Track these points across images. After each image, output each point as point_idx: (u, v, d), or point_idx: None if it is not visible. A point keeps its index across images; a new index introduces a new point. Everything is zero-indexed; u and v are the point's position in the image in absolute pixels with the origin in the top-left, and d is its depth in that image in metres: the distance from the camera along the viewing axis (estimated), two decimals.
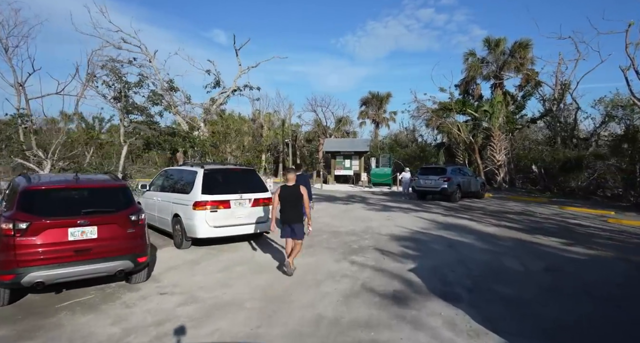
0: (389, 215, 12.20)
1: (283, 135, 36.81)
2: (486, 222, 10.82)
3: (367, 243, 8.04)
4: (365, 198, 18.13)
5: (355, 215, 12.11)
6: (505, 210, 13.67)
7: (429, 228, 9.75)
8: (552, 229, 9.83)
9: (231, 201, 7.24)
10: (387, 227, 9.89)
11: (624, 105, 14.89)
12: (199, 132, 15.80)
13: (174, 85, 16.38)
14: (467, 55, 22.86)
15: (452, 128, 22.52)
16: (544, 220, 11.35)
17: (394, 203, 15.69)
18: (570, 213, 13.11)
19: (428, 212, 12.97)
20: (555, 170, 18.42)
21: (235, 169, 8.08)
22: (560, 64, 19.63)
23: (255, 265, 6.33)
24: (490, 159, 21.89)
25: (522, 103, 23.15)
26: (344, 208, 14.05)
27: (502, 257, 6.86)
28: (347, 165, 29.01)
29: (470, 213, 12.90)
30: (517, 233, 9.24)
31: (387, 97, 42.19)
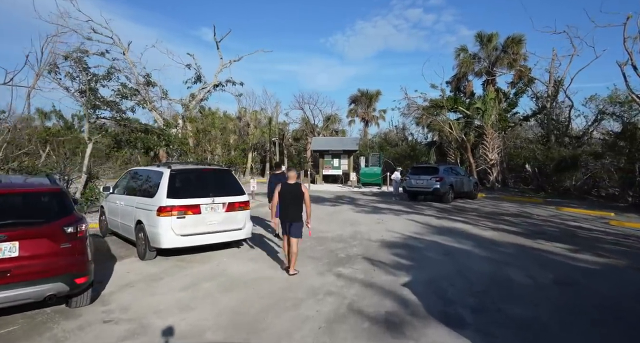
0: (379, 218, 11.49)
1: (270, 133, 35.91)
2: (483, 226, 10.19)
3: (356, 251, 7.30)
4: (354, 199, 17.42)
5: (343, 218, 11.37)
6: (500, 212, 13.10)
7: (423, 233, 9.07)
8: (553, 233, 9.23)
9: (202, 206, 6.43)
10: (378, 232, 9.17)
11: (622, 102, 14.51)
12: (177, 130, 14.86)
13: (151, 80, 15.41)
14: (459, 51, 22.33)
15: (444, 126, 21.97)
16: (542, 223, 10.78)
17: (384, 205, 15.01)
18: (568, 214, 12.59)
19: (420, 214, 12.31)
20: (550, 169, 17.99)
21: (208, 169, 7.24)
22: (554, 59, 19.24)
23: (227, 280, 5.52)
24: (483, 158, 21.41)
25: (514, 100, 22.74)
26: (331, 210, 13.30)
27: (505, 267, 6.18)
28: (336, 165, 28.31)
29: (464, 215, 12.28)
30: (517, 238, 8.61)
31: (377, 95, 41.65)
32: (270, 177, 9.34)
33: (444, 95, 22.29)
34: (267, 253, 7.15)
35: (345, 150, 27.52)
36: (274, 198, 5.95)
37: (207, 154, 14.56)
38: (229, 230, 6.73)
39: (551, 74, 19.58)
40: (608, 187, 17.47)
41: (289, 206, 5.79)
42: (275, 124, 35.32)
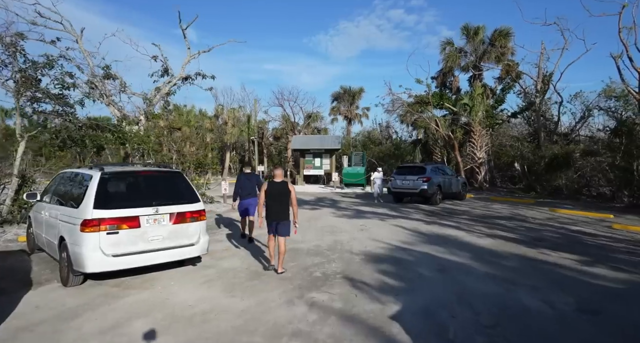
0: (362, 224, 10.42)
1: (249, 132, 34.49)
2: (477, 232, 9.23)
3: (335, 268, 6.18)
4: (335, 201, 16.34)
5: (322, 225, 10.25)
6: (493, 215, 12.23)
7: (412, 243, 8.02)
8: (556, 240, 8.34)
9: (142, 217, 5.19)
10: (361, 242, 8.08)
11: (617, 96, 13.90)
12: (139, 127, 13.45)
13: (110, 72, 13.95)
14: (444, 45, 21.52)
15: (430, 123, 21.12)
16: (541, 227, 9.91)
17: (367, 208, 13.96)
18: (565, 217, 11.80)
19: (407, 219, 11.30)
20: (540, 168, 17.32)
21: (151, 171, 5.95)
22: (542, 53, 18.60)
23: (167, 314, 4.32)
24: (470, 156, 20.65)
25: (501, 97, 22.08)
26: (309, 215, 12.17)
27: (513, 288, 5.17)
28: (317, 164, 27.21)
29: (455, 219, 11.33)
30: (517, 246, 7.66)
31: (360, 92, 40.78)
32: (238, 176, 8.77)
33: (429, 91, 21.45)
34: (228, 271, 5.96)
35: (327, 149, 26.45)
36: (260, 197, 5.88)
37: (172, 154, 13.18)
38: (178, 247, 5.51)
39: (540, 68, 18.95)
40: (600, 186, 16.92)
41: (276, 205, 5.73)
42: (254, 122, 33.94)
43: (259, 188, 8.13)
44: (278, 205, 5.74)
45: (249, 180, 8.49)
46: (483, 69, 20.99)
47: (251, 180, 8.52)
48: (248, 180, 8.49)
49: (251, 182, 8.47)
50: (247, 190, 8.35)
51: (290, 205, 5.84)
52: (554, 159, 15.99)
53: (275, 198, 5.75)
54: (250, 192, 8.36)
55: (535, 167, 18.84)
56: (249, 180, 8.48)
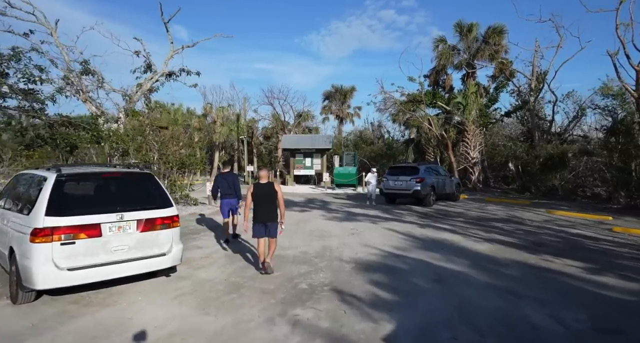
0: (353, 227, 9.92)
1: (238, 131, 33.78)
2: (473, 236, 8.80)
3: (323, 278, 5.66)
4: (326, 203, 15.83)
5: (311, 229, 9.73)
6: (488, 217, 11.83)
7: (405, 248, 7.54)
8: (557, 245, 7.93)
9: (104, 225, 4.61)
10: (351, 248, 7.58)
11: (614, 94, 13.62)
12: (118, 124, 12.79)
13: (89, 67, 13.26)
14: (437, 42, 21.13)
15: (423, 122, 20.72)
16: (539, 230, 9.52)
17: (359, 210, 13.48)
18: (563, 219, 11.45)
19: (400, 222, 10.84)
20: (535, 168, 17.01)
21: (116, 173, 5.35)
22: (537, 51, 18.31)
23: (126, 339, 3.76)
24: (464, 156, 20.30)
25: (495, 95, 21.79)
26: (298, 217, 11.64)
27: (519, 301, 4.71)
28: (308, 164, 26.68)
29: (450, 221, 10.90)
30: (517, 252, 7.23)
31: (352, 91, 40.33)
32: (215, 176, 8.64)
33: (422, 89, 21.06)
34: (205, 282, 5.41)
35: (317, 149, 25.94)
36: (247, 200, 5.78)
37: (152, 153, 12.54)
38: (147, 257, 4.94)
39: (534, 66, 18.67)
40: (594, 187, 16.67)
41: (263, 207, 5.72)
42: (244, 121, 33.27)
43: (235, 188, 8.26)
44: (266, 207, 5.72)
45: (225, 179, 8.27)
46: (477, 67, 20.68)
47: (228, 179, 8.29)
48: (224, 179, 8.27)
49: (227, 181, 8.26)
50: (225, 190, 8.17)
51: (277, 206, 5.83)
52: (549, 159, 15.69)
53: (262, 200, 5.73)
54: (229, 192, 8.19)
55: (530, 167, 18.56)
56: (225, 180, 8.26)
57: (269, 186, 5.80)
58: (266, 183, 5.84)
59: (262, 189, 5.76)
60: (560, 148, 16.04)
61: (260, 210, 5.75)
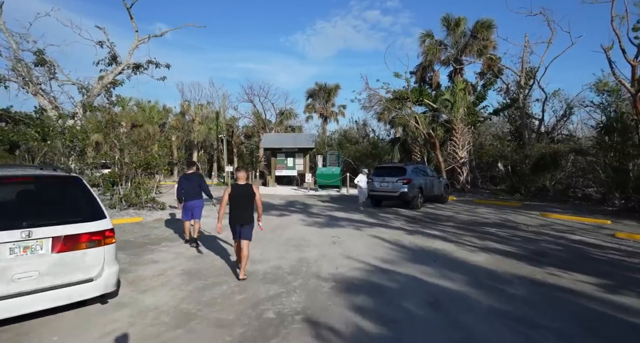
0: (335, 234, 9.00)
1: (217, 130, 32.53)
2: (467, 244, 7.98)
3: (295, 303, 4.71)
4: (307, 205, 14.87)
5: (288, 237, 8.76)
6: (480, 221, 11.08)
7: (393, 261, 6.65)
8: (560, 255, 7.17)
9: (2, 246, 3.54)
10: (332, 261, 6.65)
11: (609, 90, 13.09)
12: (75, 120, 11.56)
13: (44, 57, 12.00)
14: (424, 37, 20.41)
15: (410, 120, 19.96)
16: (537, 237, 8.78)
17: (342, 213, 12.57)
18: (559, 223, 10.77)
19: (387, 228, 9.97)
20: (525, 168, 16.43)
21: (25, 177, 4.23)
22: (526, 46, 17.76)
23: None
24: (452, 156, 19.64)
25: (482, 93, 21.21)
26: (276, 223, 10.66)
27: (531, 334, 3.85)
28: (290, 165, 25.68)
29: (440, 227, 10.09)
30: (518, 264, 6.43)
31: (336, 89, 39.45)
32: (180, 177, 8.15)
33: (408, 85, 20.30)
34: (148, 312, 4.38)
35: (300, 148, 24.96)
36: (222, 201, 5.66)
37: (114, 152, 11.35)
38: (67, 285, 3.90)
39: (523, 62, 18.14)
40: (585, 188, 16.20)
41: (240, 209, 5.60)
42: (223, 120, 32.01)
43: (203, 188, 7.90)
44: (242, 209, 5.61)
45: (188, 180, 7.85)
46: (464, 63, 20.04)
47: (192, 180, 7.86)
48: (188, 180, 7.86)
49: (192, 183, 7.84)
50: (189, 191, 7.78)
51: (254, 208, 5.74)
52: (540, 159, 15.11)
53: (239, 202, 5.59)
54: (193, 194, 7.80)
55: (519, 167, 18.02)
56: (189, 181, 7.85)
57: (247, 188, 5.65)
58: (244, 184, 5.69)
59: (239, 190, 5.62)
60: (552, 147, 15.48)
61: (236, 212, 5.59)
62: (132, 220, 10.63)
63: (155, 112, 33.38)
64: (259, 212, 5.87)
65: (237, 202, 5.61)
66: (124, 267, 6.21)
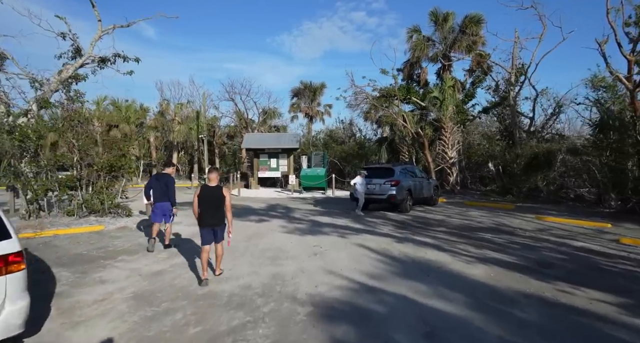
0: (317, 243, 8.17)
1: (198, 129, 31.35)
2: (463, 253, 7.24)
3: (262, 338, 3.86)
4: (290, 210, 14.01)
5: (264, 247, 7.89)
6: (474, 225, 10.40)
7: (382, 276, 5.85)
8: (565, 264, 6.49)
9: None
10: (311, 277, 5.81)
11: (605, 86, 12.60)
12: (28, 118, 10.47)
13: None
14: (411, 32, 19.75)
15: (397, 118, 19.26)
16: (536, 243, 8.11)
17: (326, 218, 11.75)
18: (557, 227, 10.15)
19: (374, 234, 9.19)
20: (517, 168, 15.89)
21: None
22: (516, 42, 17.26)
23: None
24: (441, 156, 19.02)
25: (471, 91, 20.67)
26: (253, 230, 9.77)
27: None
28: (274, 166, 24.77)
29: (431, 233, 9.35)
30: (523, 278, 5.70)
31: (322, 88, 38.65)
32: (151, 177, 8.08)
33: (396, 82, 19.60)
34: None
35: (284, 149, 24.07)
36: (193, 204, 5.60)
37: (72, 154, 10.30)
38: None
39: (514, 58, 17.63)
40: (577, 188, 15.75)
41: (210, 211, 5.52)
42: (204, 119, 30.86)
43: (169, 191, 7.51)
44: (213, 211, 5.51)
45: (158, 181, 7.61)
46: (453, 59, 19.45)
47: (161, 181, 7.59)
48: (158, 180, 7.61)
49: (160, 183, 7.57)
50: (157, 192, 7.54)
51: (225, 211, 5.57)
52: (533, 158, 14.56)
53: (208, 204, 5.50)
54: (161, 195, 7.54)
55: (510, 168, 17.50)
56: (158, 181, 7.60)
57: (217, 190, 5.54)
58: (215, 186, 5.58)
59: (209, 192, 5.51)
60: (545, 146, 14.96)
61: (207, 214, 5.48)
62: (92, 228, 9.60)
63: (132, 111, 32.06)
64: (229, 218, 5.60)
65: (207, 203, 5.48)
66: (63, 290, 5.27)
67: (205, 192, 5.50)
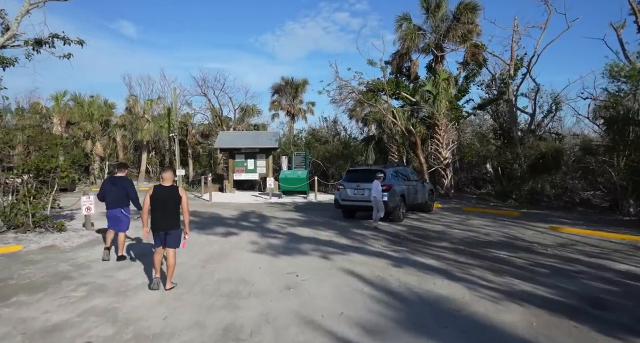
0: (293, 269, 6.41)
1: (169, 128, 29.12)
2: (482, 283, 5.61)
3: None
4: (265, 219, 12.20)
5: (222, 276, 6.09)
6: (481, 239, 8.83)
7: (379, 328, 4.13)
8: (622, 301, 4.93)
9: None
10: (279, 332, 4.05)
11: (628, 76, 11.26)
12: None
13: None
14: (401, 20, 18.15)
15: (386, 114, 17.64)
16: (567, 265, 6.56)
17: (307, 230, 10.01)
18: (580, 240, 8.66)
19: (364, 253, 7.49)
20: (520, 170, 14.49)
21: None
22: (515, 31, 15.90)
23: None
24: (435, 156, 17.51)
25: (465, 86, 19.25)
26: (214, 248, 7.96)
27: None
28: (251, 167, 22.85)
29: (434, 250, 7.72)
30: (576, 328, 4.10)
31: (304, 85, 36.99)
32: (104, 180, 7.52)
33: (384, 74, 17.98)
34: None
35: (262, 149, 22.20)
36: (144, 205, 5.32)
37: None
38: None
39: (512, 49, 16.28)
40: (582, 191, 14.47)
41: (163, 213, 5.22)
42: (176, 116, 28.68)
43: (131, 196, 7.05)
44: (165, 213, 5.22)
45: (114, 185, 7.01)
46: (446, 50, 17.95)
47: (117, 185, 7.01)
48: (113, 185, 7.01)
49: (117, 188, 6.98)
50: (112, 198, 6.96)
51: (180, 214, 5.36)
52: (540, 159, 13.14)
53: (161, 206, 5.22)
54: (117, 201, 6.95)
55: (509, 168, 16.12)
56: (114, 186, 7.00)
57: (173, 190, 5.32)
58: (170, 186, 5.35)
59: (162, 193, 5.27)
60: (554, 145, 13.58)
61: (159, 217, 5.21)
62: (4, 250, 7.60)
63: (96, 107, 29.61)
64: (186, 220, 5.39)
65: (159, 205, 5.24)
66: None
67: (159, 192, 5.25)
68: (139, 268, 6.52)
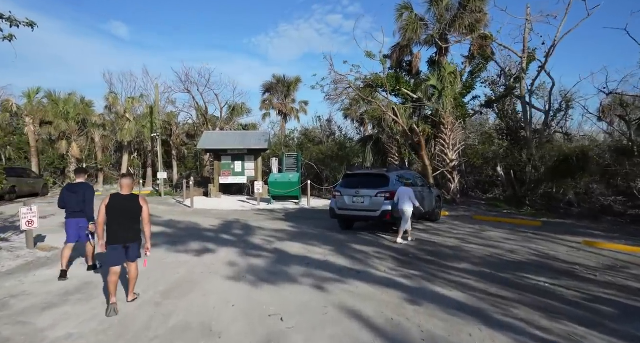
0: (277, 307, 4.86)
1: (152, 127, 27.38)
2: (535, 333, 4.11)
3: None
4: (250, 230, 10.64)
5: (180, 319, 4.53)
6: (507, 258, 7.36)
7: None
8: None
9: None
10: None
11: None
12: None
13: None
14: (401, 9, 16.70)
15: (387, 112, 16.15)
16: (633, 300, 5.09)
17: (297, 246, 8.46)
18: (628, 261, 7.22)
19: (369, 282, 5.95)
20: (537, 173, 13.09)
21: None
22: (528, 20, 14.55)
23: None
24: (440, 158, 16.07)
25: (471, 81, 17.87)
26: (182, 272, 6.40)
27: None
28: (238, 169, 21.27)
29: (454, 275, 6.22)
30: None
31: (296, 83, 35.47)
32: (63, 188, 6.74)
33: (384, 67, 16.50)
34: None
35: (250, 150, 20.63)
36: (99, 215, 4.81)
37: None
38: None
39: (525, 40, 14.92)
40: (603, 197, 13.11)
41: (122, 225, 4.79)
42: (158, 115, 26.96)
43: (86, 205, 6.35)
44: (125, 226, 4.77)
45: (74, 193, 6.34)
46: (451, 42, 16.55)
47: (77, 192, 6.34)
48: (73, 193, 6.34)
49: (77, 196, 6.31)
50: (72, 206, 6.32)
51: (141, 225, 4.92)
52: (562, 161, 11.75)
53: (118, 216, 4.76)
54: (76, 209, 6.31)
55: (521, 172, 14.74)
56: (74, 194, 6.33)
57: (132, 200, 4.85)
58: (128, 195, 4.89)
59: (120, 203, 4.79)
60: (579, 146, 12.22)
61: (117, 228, 4.73)
62: None
63: (72, 105, 27.79)
64: (147, 233, 4.90)
65: (117, 216, 4.74)
66: None
67: (116, 202, 4.82)
68: (73, 307, 4.94)
